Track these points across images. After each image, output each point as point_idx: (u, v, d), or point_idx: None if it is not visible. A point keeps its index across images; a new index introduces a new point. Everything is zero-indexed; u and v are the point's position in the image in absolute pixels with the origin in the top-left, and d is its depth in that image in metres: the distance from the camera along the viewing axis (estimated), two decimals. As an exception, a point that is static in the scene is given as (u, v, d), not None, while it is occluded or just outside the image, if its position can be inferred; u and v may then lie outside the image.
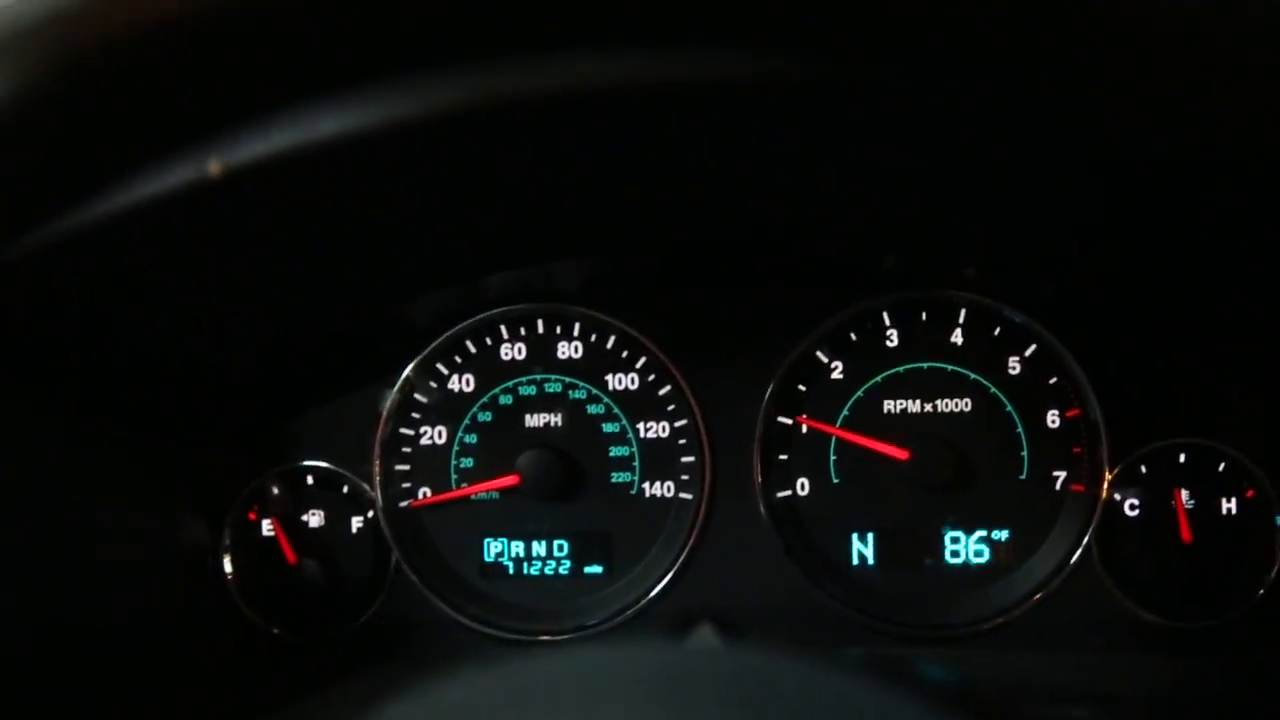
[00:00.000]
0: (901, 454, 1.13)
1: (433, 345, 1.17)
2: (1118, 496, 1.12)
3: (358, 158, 0.80)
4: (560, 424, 1.18)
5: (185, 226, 0.81)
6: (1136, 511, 1.13)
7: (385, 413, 1.18)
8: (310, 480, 1.19)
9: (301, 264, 0.99)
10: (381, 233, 0.98)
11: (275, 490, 1.19)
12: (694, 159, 0.95)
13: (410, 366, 1.17)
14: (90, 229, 0.73)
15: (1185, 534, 1.11)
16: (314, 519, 1.19)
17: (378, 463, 1.17)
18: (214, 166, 0.73)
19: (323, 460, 1.19)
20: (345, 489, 1.19)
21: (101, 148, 0.57)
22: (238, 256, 0.91)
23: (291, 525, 1.19)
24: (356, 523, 1.19)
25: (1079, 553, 1.12)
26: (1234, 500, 1.12)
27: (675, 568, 1.16)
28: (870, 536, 1.16)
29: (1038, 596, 1.13)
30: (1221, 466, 1.12)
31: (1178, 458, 1.12)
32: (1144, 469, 1.12)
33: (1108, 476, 1.12)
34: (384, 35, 0.55)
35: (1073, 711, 1.05)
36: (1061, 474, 1.14)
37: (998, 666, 1.12)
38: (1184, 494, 1.12)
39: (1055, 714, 1.00)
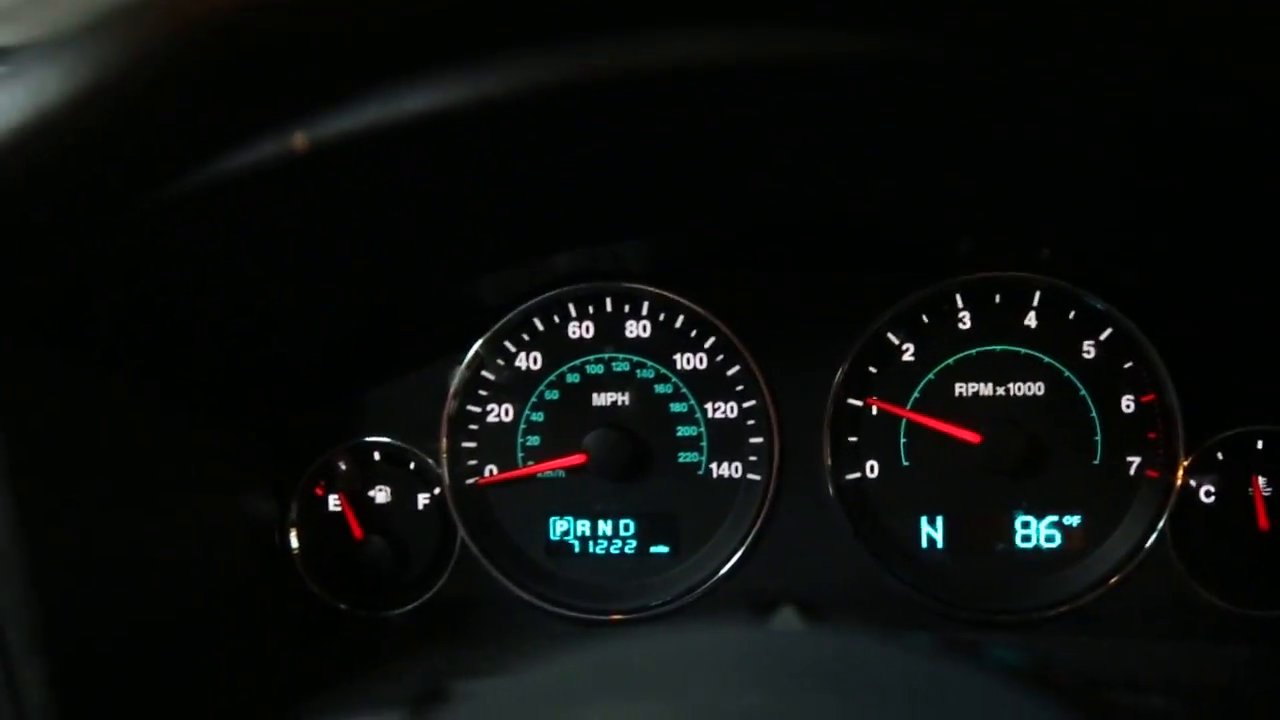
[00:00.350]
0: (974, 438, 1.12)
1: (501, 323, 1.17)
2: (1193, 483, 1.11)
3: (438, 136, 0.80)
4: (628, 403, 1.18)
5: (265, 199, 0.81)
6: (1212, 499, 1.11)
7: (453, 389, 1.17)
8: (377, 456, 1.19)
9: (375, 240, 0.99)
10: (455, 210, 0.98)
11: (343, 466, 1.19)
12: (766, 140, 0.95)
13: (478, 343, 1.17)
14: (175, 200, 0.73)
15: (1262, 521, 1.10)
16: (380, 495, 1.19)
17: (445, 439, 1.17)
18: (299, 140, 0.73)
19: (390, 437, 1.19)
20: (412, 465, 1.19)
21: (208, 120, 0.57)
22: (313, 231, 0.91)
23: (358, 501, 1.19)
24: (423, 499, 1.19)
25: (1153, 539, 1.11)
26: (1312, 488, 1.10)
27: (742, 549, 1.16)
28: (940, 520, 1.15)
29: (1110, 582, 1.12)
30: (1300, 453, 1.10)
31: (1255, 444, 1.11)
32: (1220, 455, 1.11)
33: (1183, 463, 1.11)
34: (473, 12, 0.55)
35: (1150, 699, 1.04)
36: (1136, 459, 1.13)
37: (1069, 652, 1.11)
38: (1261, 481, 1.10)
39: (1133, 701, 1.00)
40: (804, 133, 0.96)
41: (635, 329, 1.18)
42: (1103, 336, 1.13)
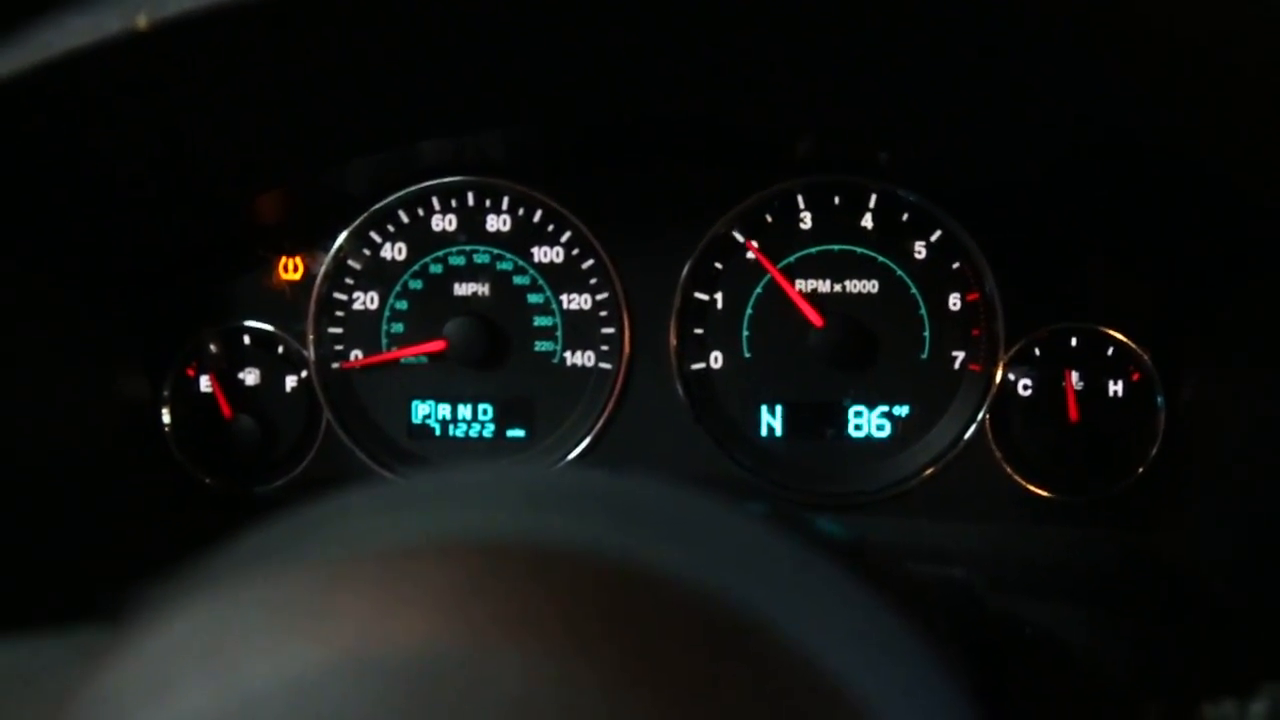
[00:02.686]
0: (818, 320, 1.18)
1: (367, 213, 1.22)
2: (1011, 377, 1.18)
3: (290, 16, 0.85)
4: (487, 294, 1.24)
5: (123, 80, 0.86)
6: (1028, 391, 1.19)
7: (320, 276, 1.23)
8: (247, 339, 1.25)
9: (237, 122, 1.04)
10: (313, 95, 1.02)
11: (213, 348, 1.24)
12: (612, 34, 1.00)
13: (345, 233, 1.22)
14: (28, 75, 0.78)
15: (1073, 413, 1.17)
16: (250, 377, 1.25)
17: (311, 325, 1.23)
18: (141, 20, 0.77)
19: (259, 320, 1.24)
20: (281, 349, 1.25)
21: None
22: (172, 112, 0.96)
23: (228, 381, 1.24)
24: (291, 382, 1.25)
25: (973, 429, 1.19)
26: (1120, 382, 1.18)
27: (593, 433, 1.22)
28: (778, 409, 1.22)
29: (933, 469, 1.19)
30: (1110, 351, 1.17)
31: (1069, 341, 1.18)
32: (1037, 351, 1.18)
33: (1003, 358, 1.18)
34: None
35: (951, 570, 1.11)
36: (960, 354, 1.20)
37: (891, 530, 1.18)
38: (1074, 375, 1.18)
39: (934, 571, 1.07)
40: (649, 27, 1.02)
41: (496, 223, 1.24)
42: (933, 238, 1.20)
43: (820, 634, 0.39)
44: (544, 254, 1.23)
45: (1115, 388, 1.18)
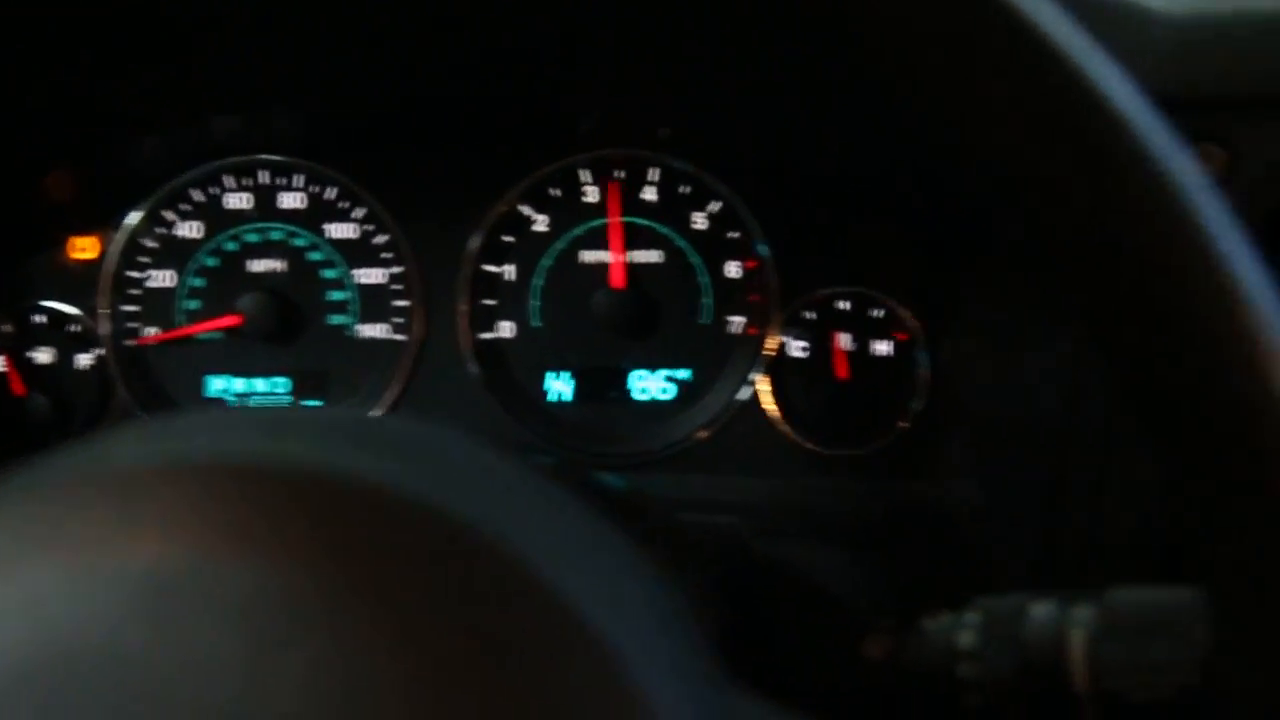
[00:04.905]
0: (621, 282, 1.24)
1: (159, 191, 1.24)
2: (785, 339, 1.25)
3: None
4: (283, 270, 1.26)
5: None
6: (802, 353, 1.25)
7: (113, 255, 1.24)
8: (43, 319, 1.25)
9: (22, 100, 1.05)
10: (101, 71, 1.04)
11: (6, 327, 1.24)
12: (399, 14, 1.04)
13: (137, 211, 1.24)
14: None
15: (841, 372, 1.24)
16: (43, 355, 1.25)
17: (106, 302, 1.24)
18: None
19: (55, 301, 1.25)
20: (74, 328, 1.25)
21: None
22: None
23: (21, 360, 1.25)
24: (84, 360, 1.26)
25: (750, 389, 1.25)
26: (887, 343, 1.25)
27: (387, 403, 1.25)
28: (566, 375, 1.27)
29: (713, 428, 1.25)
30: (877, 313, 1.25)
31: (836, 304, 1.25)
32: (810, 315, 1.25)
33: (776, 321, 1.24)
34: None
35: (719, 518, 1.17)
36: (739, 319, 1.26)
37: (672, 486, 1.24)
38: (843, 337, 1.25)
39: (701, 519, 1.12)
40: (431, 10, 1.06)
41: (290, 200, 1.26)
42: (711, 209, 1.26)
43: (552, 554, 0.41)
44: (338, 230, 1.27)
45: (883, 348, 1.25)
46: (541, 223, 1.26)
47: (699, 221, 1.26)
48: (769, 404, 1.25)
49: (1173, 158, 0.39)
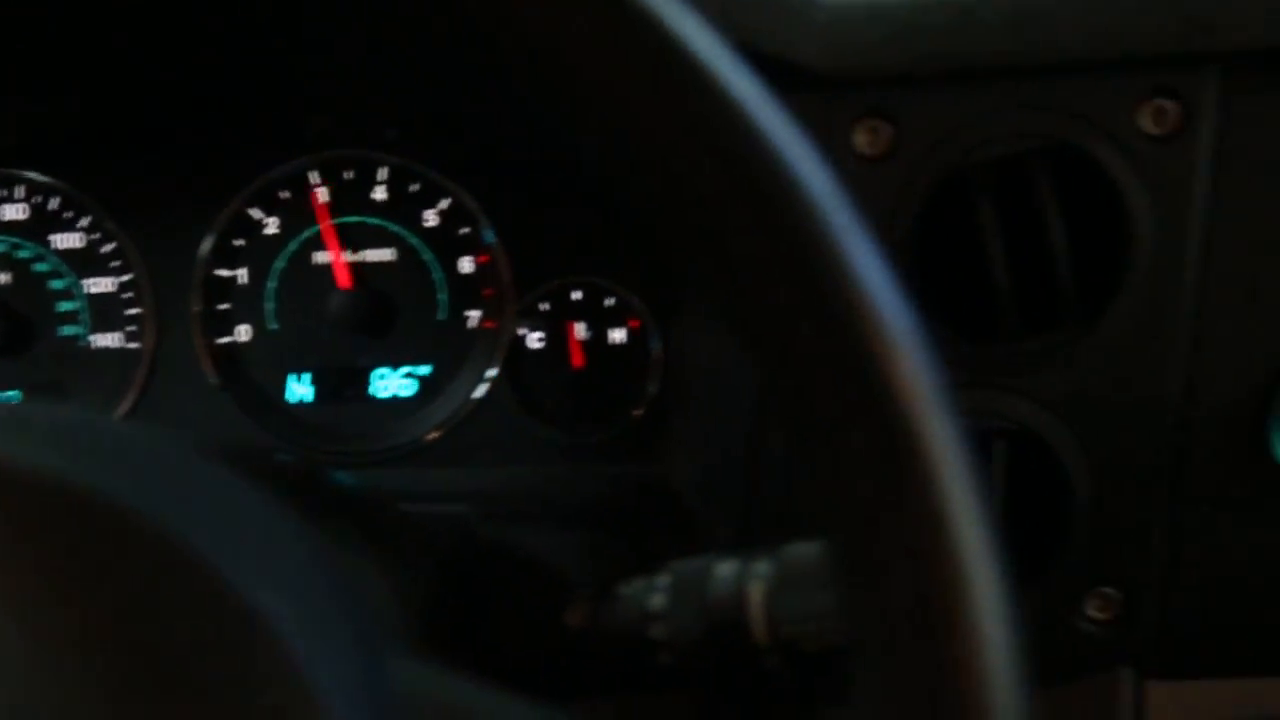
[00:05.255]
0: (346, 281, 1.24)
1: None
2: (522, 331, 1.28)
3: None
4: (8, 282, 1.25)
5: None
6: (538, 344, 1.28)
7: None
8: None
9: None
10: None
11: None
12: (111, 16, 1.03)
13: None
14: None
15: (576, 360, 1.28)
16: None
17: None
18: None
19: None
20: None
21: None
22: None
23: None
24: None
25: (489, 381, 1.27)
26: (622, 330, 1.28)
27: (125, 411, 1.25)
28: (306, 376, 1.28)
29: (454, 421, 1.27)
30: (609, 301, 1.28)
31: (571, 295, 1.28)
32: (545, 306, 1.28)
33: (513, 313, 1.27)
34: None
35: (451, 507, 1.20)
36: (475, 313, 1.28)
37: (414, 481, 1.26)
38: (578, 326, 1.28)
39: (430, 510, 1.15)
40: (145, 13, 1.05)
41: (12, 211, 1.24)
42: (442, 206, 1.27)
43: (207, 530, 0.42)
44: (63, 240, 1.25)
45: (618, 335, 1.29)
46: (272, 225, 1.27)
47: (430, 219, 1.28)
48: (508, 395, 1.28)
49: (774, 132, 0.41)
